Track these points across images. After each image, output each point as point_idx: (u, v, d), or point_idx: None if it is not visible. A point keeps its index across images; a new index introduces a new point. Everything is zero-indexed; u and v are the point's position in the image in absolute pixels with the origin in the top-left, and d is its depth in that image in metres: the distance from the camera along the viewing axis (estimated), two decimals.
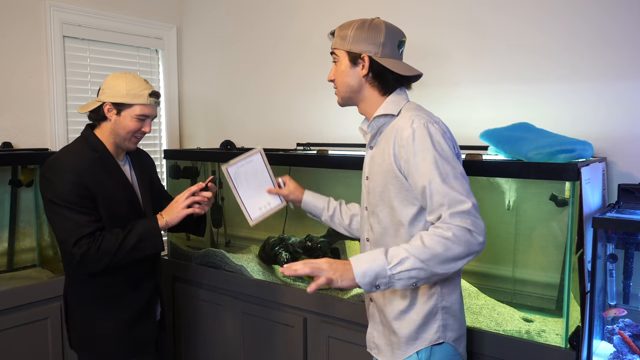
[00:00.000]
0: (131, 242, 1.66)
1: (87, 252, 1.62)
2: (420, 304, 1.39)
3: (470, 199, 1.25)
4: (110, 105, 1.72)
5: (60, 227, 1.65)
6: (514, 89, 2.10)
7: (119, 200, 1.74)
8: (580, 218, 1.55)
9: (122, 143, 1.77)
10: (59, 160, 1.69)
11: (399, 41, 1.43)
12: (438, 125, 1.33)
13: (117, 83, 1.72)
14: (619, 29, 1.87)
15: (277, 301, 2.20)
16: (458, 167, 1.30)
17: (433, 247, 1.20)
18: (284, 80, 2.82)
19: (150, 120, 1.78)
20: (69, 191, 1.63)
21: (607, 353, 1.62)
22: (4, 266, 2.48)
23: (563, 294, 1.69)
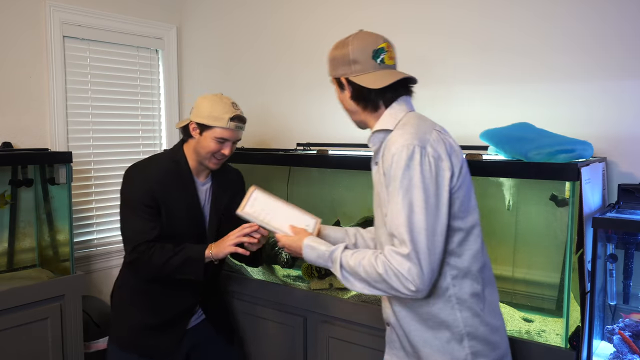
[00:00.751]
0: (176, 262, 1.73)
1: (139, 258, 1.72)
2: (443, 331, 1.30)
3: (415, 242, 1.18)
4: (194, 124, 1.80)
5: (124, 228, 1.78)
6: (514, 89, 2.10)
7: (180, 217, 1.81)
8: (580, 218, 1.55)
9: (202, 162, 1.83)
10: (139, 166, 1.83)
11: (374, 50, 1.34)
12: (428, 146, 1.23)
13: (203, 104, 1.81)
14: (619, 29, 1.87)
15: (277, 301, 2.20)
16: (433, 198, 1.21)
17: (364, 273, 1.25)
18: (284, 80, 2.82)
19: (231, 143, 1.83)
20: (139, 197, 1.75)
21: (607, 353, 1.62)
22: (4, 266, 2.48)
23: (563, 294, 1.69)
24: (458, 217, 1.27)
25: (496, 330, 1.33)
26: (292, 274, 2.46)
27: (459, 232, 1.28)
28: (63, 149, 2.70)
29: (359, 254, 1.29)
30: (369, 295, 2.01)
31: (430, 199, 1.20)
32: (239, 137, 1.86)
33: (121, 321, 1.89)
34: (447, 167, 1.23)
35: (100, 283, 2.90)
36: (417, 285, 1.19)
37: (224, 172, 1.97)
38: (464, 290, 1.29)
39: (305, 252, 1.41)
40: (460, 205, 1.27)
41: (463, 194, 1.28)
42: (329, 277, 2.20)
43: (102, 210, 2.94)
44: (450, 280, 1.28)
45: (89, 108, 2.85)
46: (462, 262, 1.29)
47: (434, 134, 1.27)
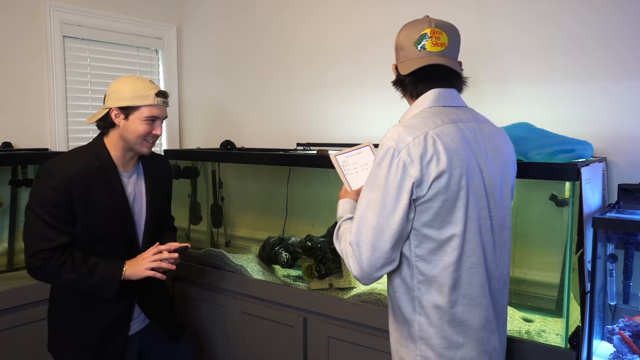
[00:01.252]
0: (88, 282, 1.62)
1: (42, 267, 1.60)
2: (401, 325, 1.34)
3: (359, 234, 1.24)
4: (117, 110, 1.66)
5: (26, 233, 1.63)
6: (514, 89, 2.10)
7: (104, 217, 1.67)
8: (580, 218, 1.55)
9: (133, 148, 1.70)
10: (53, 164, 1.65)
11: (417, 37, 1.32)
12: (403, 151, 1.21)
13: (122, 86, 1.67)
14: (619, 29, 1.87)
15: (277, 301, 2.20)
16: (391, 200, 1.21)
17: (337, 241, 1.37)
18: (284, 80, 2.82)
19: (161, 121, 1.72)
20: (46, 198, 1.59)
21: (607, 353, 1.62)
22: (4, 266, 2.48)
23: (563, 294, 1.69)
24: (431, 226, 1.24)
25: (459, 348, 1.27)
26: (292, 274, 2.46)
27: (430, 241, 1.25)
28: (63, 149, 2.70)
29: (348, 227, 1.34)
30: (369, 295, 2.01)
31: (388, 201, 1.22)
32: (166, 115, 1.75)
33: (58, 343, 1.77)
34: (415, 174, 1.20)
35: None
36: (354, 274, 1.27)
37: (153, 161, 1.84)
38: (426, 297, 1.27)
39: (338, 206, 1.47)
40: (434, 215, 1.23)
41: (441, 205, 1.22)
42: (329, 277, 2.20)
43: None
44: (416, 284, 1.28)
45: (89, 108, 2.85)
46: (429, 270, 1.26)
47: (420, 137, 1.22)
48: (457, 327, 1.27)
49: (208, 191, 2.83)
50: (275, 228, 2.65)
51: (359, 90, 2.53)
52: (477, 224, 1.26)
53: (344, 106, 2.59)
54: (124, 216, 1.72)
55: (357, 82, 2.54)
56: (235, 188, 2.86)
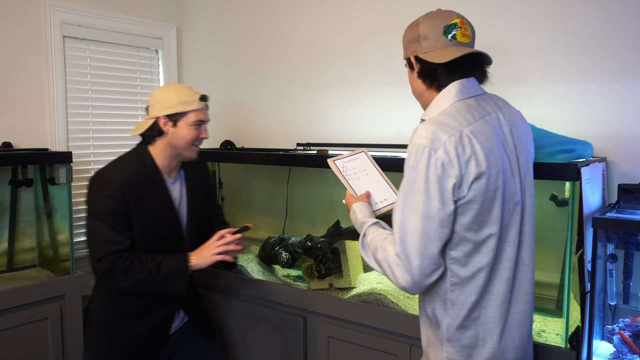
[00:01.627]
0: (157, 279, 1.66)
1: (110, 270, 1.63)
2: (432, 326, 1.33)
3: (405, 243, 1.18)
4: (164, 118, 1.71)
5: (91, 239, 1.68)
6: (514, 89, 2.10)
7: (155, 220, 1.73)
8: (580, 218, 1.55)
9: (182, 153, 1.76)
10: (105, 173, 1.72)
11: (446, 26, 1.28)
12: (440, 150, 1.17)
13: (166, 95, 1.72)
14: (619, 29, 1.87)
15: (277, 301, 2.20)
16: (435, 203, 1.17)
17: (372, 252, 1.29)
18: (284, 79, 2.82)
19: (205, 125, 1.78)
20: (106, 206, 1.64)
21: (607, 353, 1.62)
22: (4, 266, 2.48)
23: (563, 294, 1.69)
24: (469, 228, 1.21)
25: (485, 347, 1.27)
26: (292, 274, 2.46)
27: (468, 243, 1.23)
28: (63, 149, 2.70)
29: (378, 234, 1.30)
30: (369, 295, 2.01)
31: (431, 204, 1.17)
32: (209, 118, 1.81)
33: (101, 337, 1.79)
34: (455, 174, 1.17)
35: None
36: (402, 285, 1.21)
37: (192, 167, 1.88)
38: (459, 299, 1.26)
39: (351, 214, 1.44)
40: (474, 217, 1.20)
41: (480, 207, 1.20)
42: (329, 277, 2.20)
43: None
44: (449, 286, 1.26)
45: (89, 108, 2.85)
46: (464, 272, 1.24)
47: (455, 135, 1.18)
48: (486, 326, 1.27)
49: None
50: (275, 228, 2.65)
51: (359, 89, 2.53)
52: (511, 221, 1.26)
53: (344, 105, 2.59)
54: (172, 220, 1.78)
55: (357, 80, 2.54)
56: (235, 188, 2.86)
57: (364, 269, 2.36)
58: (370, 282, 2.20)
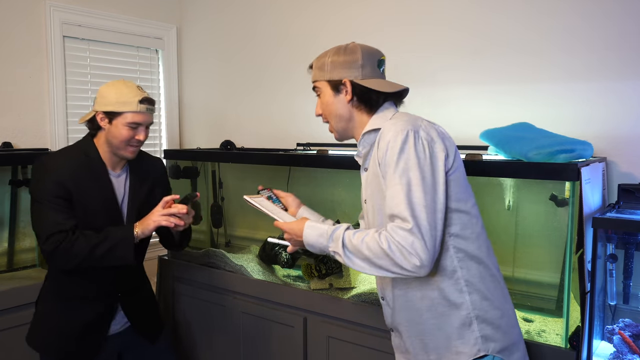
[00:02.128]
0: (102, 249, 1.65)
1: (57, 249, 1.63)
2: (450, 317, 1.30)
3: (417, 217, 1.19)
4: (102, 114, 1.72)
5: (36, 223, 1.69)
6: (514, 89, 2.10)
7: (95, 211, 1.73)
8: (580, 218, 1.55)
9: (117, 152, 1.75)
10: (46, 160, 1.73)
11: (378, 60, 1.41)
12: (420, 130, 1.26)
13: (108, 91, 1.72)
14: (620, 29, 1.87)
15: (277, 301, 2.20)
16: (429, 177, 1.23)
17: (367, 250, 1.24)
18: (284, 79, 2.82)
19: (144, 127, 1.75)
20: (49, 190, 1.66)
21: (607, 353, 1.62)
22: (4, 266, 2.48)
23: (563, 294, 1.69)
24: (459, 199, 1.29)
25: (507, 315, 1.33)
26: (292, 274, 2.46)
27: (461, 214, 1.29)
28: None
29: (361, 233, 1.28)
30: (369, 295, 2.01)
31: (427, 178, 1.22)
32: (151, 121, 1.78)
33: (39, 325, 1.81)
34: (441, 148, 1.26)
35: None
36: (421, 260, 1.18)
37: (141, 161, 1.87)
38: (472, 272, 1.29)
39: (306, 233, 1.37)
40: (457, 188, 1.29)
41: (459, 177, 1.30)
42: (329, 277, 2.20)
43: None
44: (457, 263, 1.29)
45: (88, 108, 2.85)
46: (467, 245, 1.30)
47: (424, 122, 1.31)
48: (502, 294, 1.34)
49: (208, 191, 2.83)
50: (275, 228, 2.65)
51: None
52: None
53: None
54: (114, 214, 1.78)
55: None
56: (235, 188, 2.86)
57: None
58: (370, 282, 2.20)
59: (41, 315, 1.83)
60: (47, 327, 1.80)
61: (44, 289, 1.86)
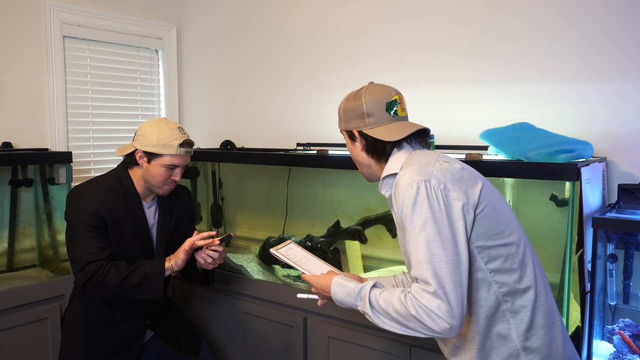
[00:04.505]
0: (134, 281, 1.71)
1: (91, 279, 1.69)
2: (499, 348, 1.26)
3: (439, 277, 1.14)
4: (141, 152, 1.78)
5: (71, 249, 1.74)
6: (514, 89, 2.10)
7: (128, 240, 1.80)
8: (580, 218, 1.55)
9: (152, 189, 1.83)
10: (83, 189, 1.79)
11: (387, 103, 1.35)
12: (432, 179, 1.21)
13: (150, 132, 1.77)
14: (620, 29, 1.87)
15: (277, 301, 2.20)
16: (447, 231, 1.18)
17: (395, 312, 1.20)
18: (284, 80, 2.82)
19: (181, 169, 1.82)
20: (85, 219, 1.71)
21: (607, 353, 1.62)
22: (4, 266, 2.48)
23: (563, 294, 1.69)
24: (494, 234, 1.24)
25: (555, 340, 1.28)
26: (292, 274, 2.46)
27: (499, 248, 1.24)
28: (63, 149, 2.70)
29: (387, 293, 1.25)
30: None
31: (444, 232, 1.17)
32: (188, 162, 1.84)
33: (70, 347, 1.87)
34: (457, 196, 1.21)
35: None
36: (449, 322, 1.13)
37: (170, 193, 1.92)
38: (518, 303, 1.25)
39: (334, 290, 1.35)
40: (492, 223, 1.24)
41: (491, 211, 1.24)
42: None
43: None
44: (502, 297, 1.25)
45: (89, 108, 2.86)
46: (510, 277, 1.25)
47: (436, 165, 1.25)
48: (550, 316, 1.28)
49: (208, 191, 2.83)
50: (275, 228, 2.65)
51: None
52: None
53: None
54: (145, 241, 1.85)
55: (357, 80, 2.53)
56: (235, 188, 2.86)
57: (364, 269, 2.36)
58: None
59: (70, 338, 1.88)
60: (77, 350, 1.85)
61: (71, 313, 1.90)
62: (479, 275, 1.24)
